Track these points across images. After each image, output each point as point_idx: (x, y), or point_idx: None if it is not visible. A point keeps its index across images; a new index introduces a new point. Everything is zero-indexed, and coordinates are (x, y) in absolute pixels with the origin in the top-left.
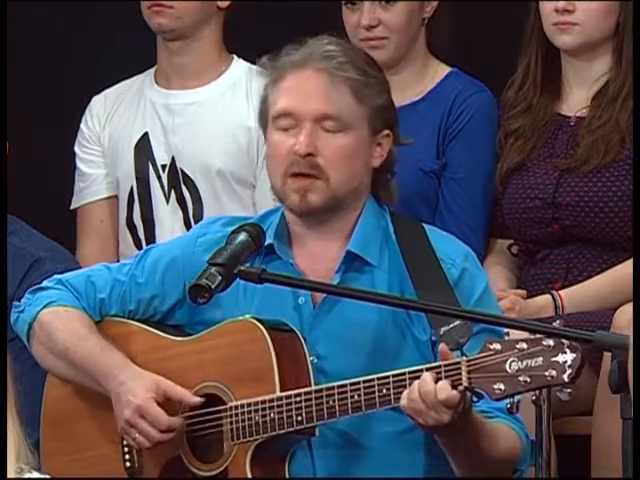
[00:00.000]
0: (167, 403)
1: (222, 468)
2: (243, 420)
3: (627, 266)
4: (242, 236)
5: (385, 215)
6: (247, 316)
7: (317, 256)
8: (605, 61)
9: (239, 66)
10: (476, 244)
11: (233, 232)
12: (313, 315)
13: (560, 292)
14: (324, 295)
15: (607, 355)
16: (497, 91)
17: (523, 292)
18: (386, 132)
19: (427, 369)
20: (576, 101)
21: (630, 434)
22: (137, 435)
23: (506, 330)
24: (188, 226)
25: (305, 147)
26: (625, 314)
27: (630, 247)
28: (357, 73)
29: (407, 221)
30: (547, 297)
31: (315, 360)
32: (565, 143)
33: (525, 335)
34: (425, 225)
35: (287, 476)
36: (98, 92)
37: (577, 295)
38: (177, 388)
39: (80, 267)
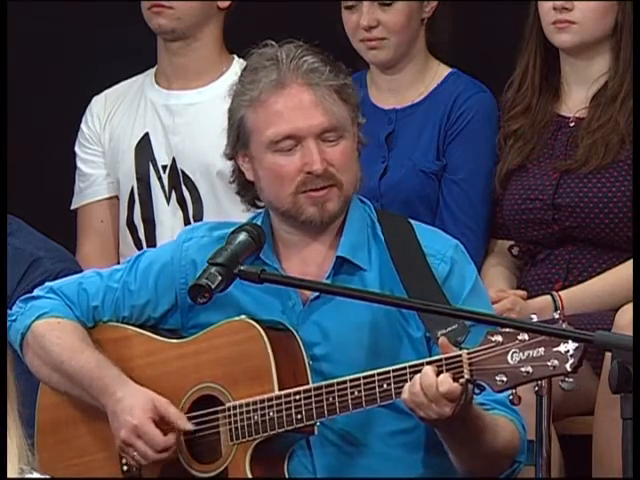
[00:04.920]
0: (164, 420)
1: (222, 469)
2: (242, 420)
3: (627, 267)
4: (242, 236)
5: (369, 212)
6: (243, 316)
7: (306, 260)
8: (604, 60)
9: (240, 66)
10: (476, 245)
11: (233, 232)
12: (302, 316)
13: (560, 293)
14: (312, 297)
15: (608, 355)
16: (497, 92)
17: (523, 293)
18: (358, 120)
19: (428, 362)
20: (575, 101)
21: (630, 434)
22: (135, 454)
23: None
24: None
25: (321, 165)
26: (626, 314)
27: (630, 248)
28: (339, 78)
29: (394, 219)
30: (547, 298)
31: (310, 362)
32: (564, 144)
33: None
34: (412, 221)
35: (287, 475)
36: (98, 92)
37: (577, 296)
38: (172, 410)
39: (80, 267)
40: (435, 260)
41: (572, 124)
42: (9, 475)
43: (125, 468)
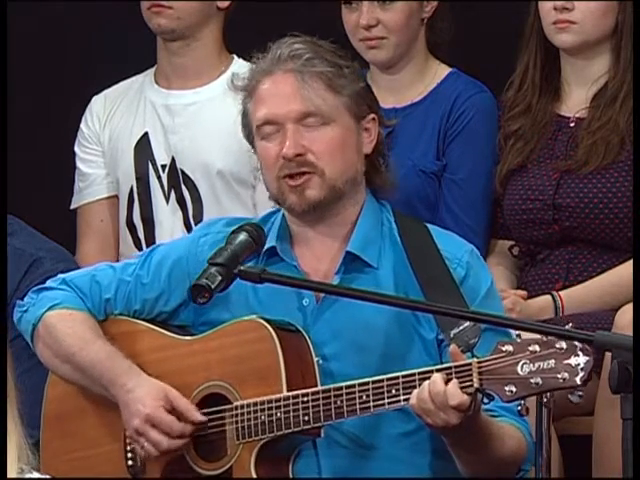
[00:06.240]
0: (175, 411)
1: (226, 467)
2: (249, 419)
3: (627, 267)
4: (242, 236)
5: (386, 213)
6: (253, 316)
7: (319, 256)
8: (604, 61)
9: (239, 66)
10: (476, 245)
11: (233, 232)
12: (315, 314)
13: (560, 292)
14: (324, 295)
15: (608, 355)
16: (497, 92)
17: (524, 293)
18: (371, 116)
19: (438, 370)
20: (575, 101)
21: (630, 434)
22: (146, 444)
23: (517, 332)
24: (188, 226)
25: (293, 149)
26: (626, 314)
27: (630, 248)
28: (327, 65)
29: (411, 221)
30: (547, 297)
31: (321, 361)
32: (565, 144)
33: (537, 337)
34: (428, 224)
35: (291, 476)
36: (98, 92)
37: (577, 295)
38: (183, 401)
39: (80, 267)
40: (451, 264)
41: (572, 124)
42: (8, 475)
43: (130, 463)
